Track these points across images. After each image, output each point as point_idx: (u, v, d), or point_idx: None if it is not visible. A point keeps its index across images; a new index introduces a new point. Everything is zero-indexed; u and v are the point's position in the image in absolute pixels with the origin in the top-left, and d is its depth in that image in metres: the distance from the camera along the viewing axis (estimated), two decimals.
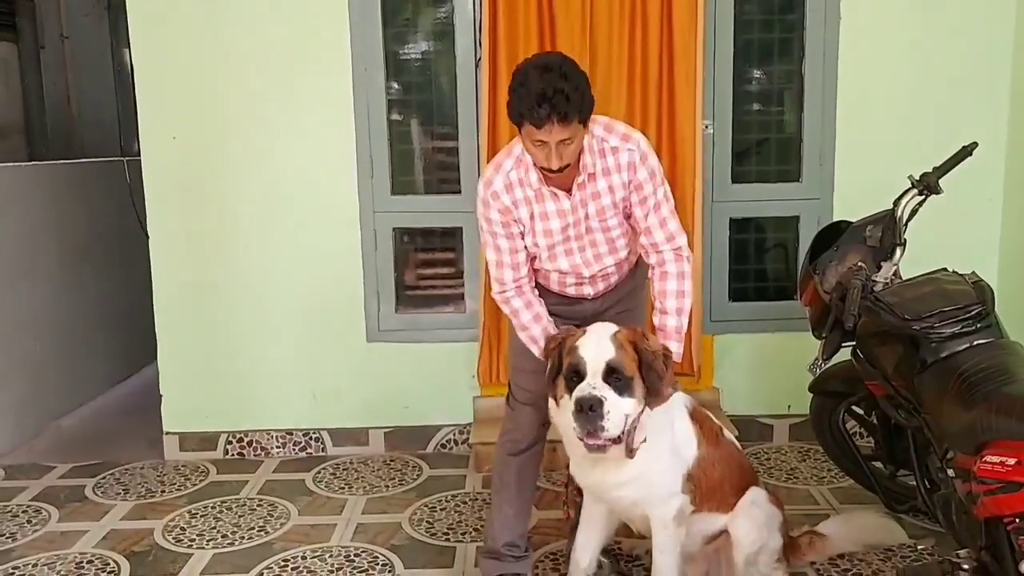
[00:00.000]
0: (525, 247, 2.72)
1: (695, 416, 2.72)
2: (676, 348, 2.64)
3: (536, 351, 2.73)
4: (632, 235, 2.76)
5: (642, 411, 2.45)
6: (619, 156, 2.59)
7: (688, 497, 2.64)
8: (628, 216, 2.70)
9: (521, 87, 2.41)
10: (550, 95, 2.34)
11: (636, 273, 2.91)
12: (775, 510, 2.81)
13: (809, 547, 2.95)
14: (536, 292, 2.81)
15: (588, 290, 2.84)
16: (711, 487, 2.71)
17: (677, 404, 2.69)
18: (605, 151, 2.59)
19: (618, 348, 2.41)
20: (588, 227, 2.67)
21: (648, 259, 2.74)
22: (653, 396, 2.45)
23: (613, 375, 2.38)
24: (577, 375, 2.40)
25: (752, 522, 2.72)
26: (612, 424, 2.35)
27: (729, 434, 2.88)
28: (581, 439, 2.40)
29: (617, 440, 2.40)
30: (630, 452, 2.46)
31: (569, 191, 2.61)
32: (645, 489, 2.59)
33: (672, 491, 2.61)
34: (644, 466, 2.53)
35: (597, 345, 2.43)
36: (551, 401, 2.57)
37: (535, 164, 2.54)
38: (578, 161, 2.55)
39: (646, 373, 2.43)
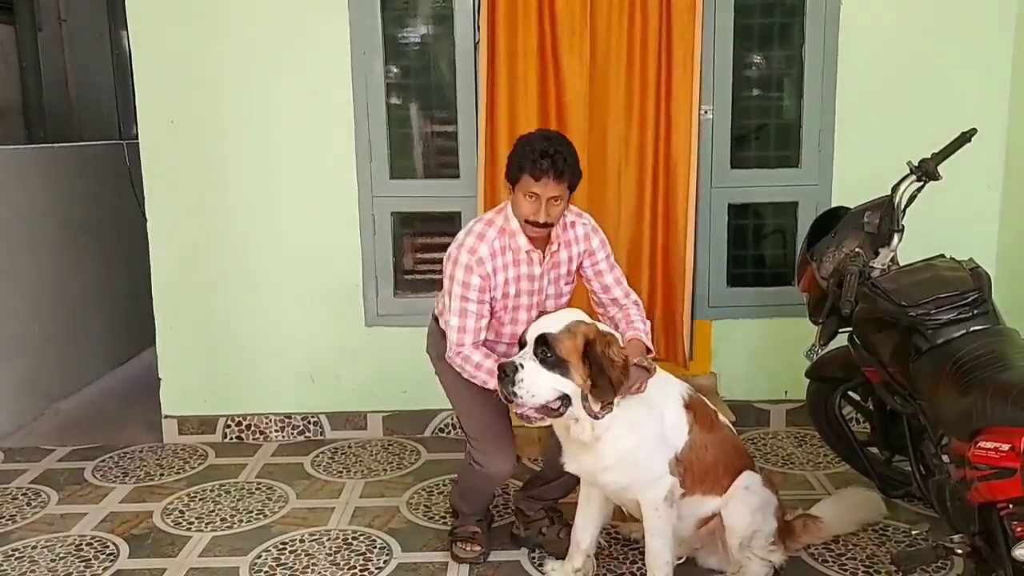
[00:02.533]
0: (490, 310, 2.87)
1: (691, 405, 2.75)
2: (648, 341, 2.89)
3: (493, 383, 2.69)
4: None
5: (583, 395, 2.50)
6: (576, 229, 2.95)
7: (677, 479, 2.67)
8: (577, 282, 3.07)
9: (526, 145, 2.75)
10: (551, 153, 2.69)
11: None
12: (769, 494, 2.83)
13: (804, 530, 2.98)
14: None
15: None
16: (703, 470, 2.74)
17: (671, 393, 2.74)
18: (567, 225, 2.94)
19: (564, 330, 2.50)
20: (548, 293, 2.96)
21: (609, 313, 3.00)
22: (599, 394, 2.49)
23: (542, 348, 2.49)
24: (521, 346, 2.57)
25: (745, 507, 2.75)
26: (525, 391, 2.46)
27: (724, 419, 2.90)
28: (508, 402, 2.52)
29: (547, 411, 2.50)
30: (595, 415, 2.52)
31: (542, 257, 2.89)
32: (632, 473, 2.63)
33: (659, 474, 2.64)
34: (625, 451, 2.59)
35: (545, 322, 2.56)
36: None
37: (523, 221, 2.78)
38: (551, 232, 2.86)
39: (595, 375, 2.47)
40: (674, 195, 4.02)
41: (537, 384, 2.47)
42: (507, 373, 2.47)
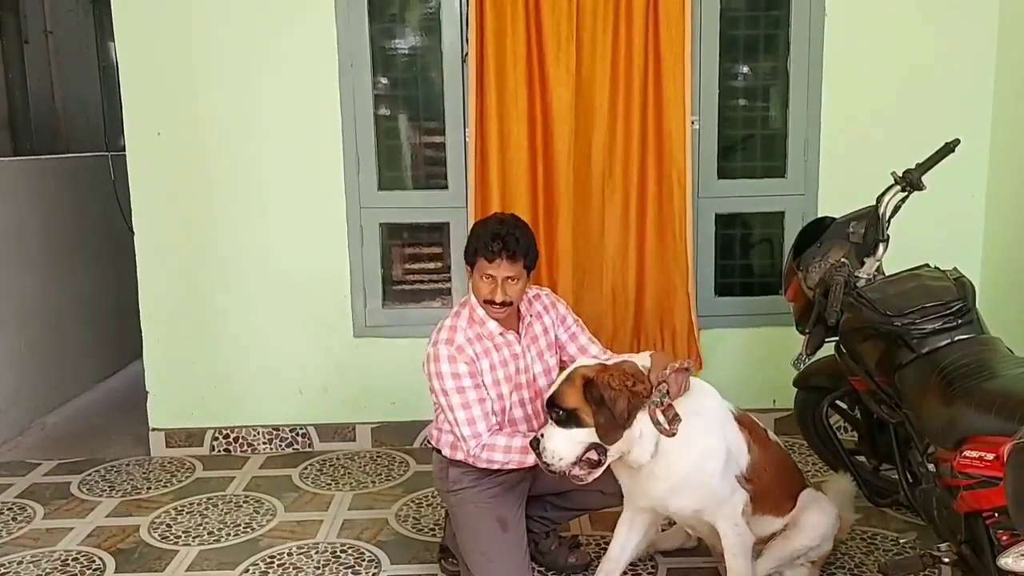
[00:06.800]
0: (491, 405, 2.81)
1: (742, 422, 2.73)
2: None
3: (532, 458, 2.62)
4: None
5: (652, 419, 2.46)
6: (541, 301, 3.01)
7: (747, 494, 2.65)
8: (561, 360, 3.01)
9: (480, 228, 2.81)
10: (503, 235, 2.73)
11: None
12: (839, 520, 2.84)
13: None
14: None
15: None
16: (763, 490, 2.71)
17: (723, 411, 2.71)
18: (530, 301, 2.99)
19: (563, 383, 2.52)
20: (535, 371, 2.91)
21: None
22: (604, 432, 2.45)
23: (554, 410, 2.51)
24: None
25: (825, 518, 2.76)
26: (553, 457, 2.48)
27: (774, 435, 2.90)
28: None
29: (589, 464, 2.50)
30: (670, 432, 2.46)
31: (518, 336, 2.90)
32: (702, 492, 2.58)
33: (731, 489, 2.62)
34: (690, 466, 2.54)
35: (554, 384, 2.58)
36: None
37: (482, 301, 2.80)
38: (518, 310, 2.90)
39: (596, 414, 2.44)
40: (669, 204, 4.03)
41: (558, 447, 2.47)
42: (535, 448, 2.51)
